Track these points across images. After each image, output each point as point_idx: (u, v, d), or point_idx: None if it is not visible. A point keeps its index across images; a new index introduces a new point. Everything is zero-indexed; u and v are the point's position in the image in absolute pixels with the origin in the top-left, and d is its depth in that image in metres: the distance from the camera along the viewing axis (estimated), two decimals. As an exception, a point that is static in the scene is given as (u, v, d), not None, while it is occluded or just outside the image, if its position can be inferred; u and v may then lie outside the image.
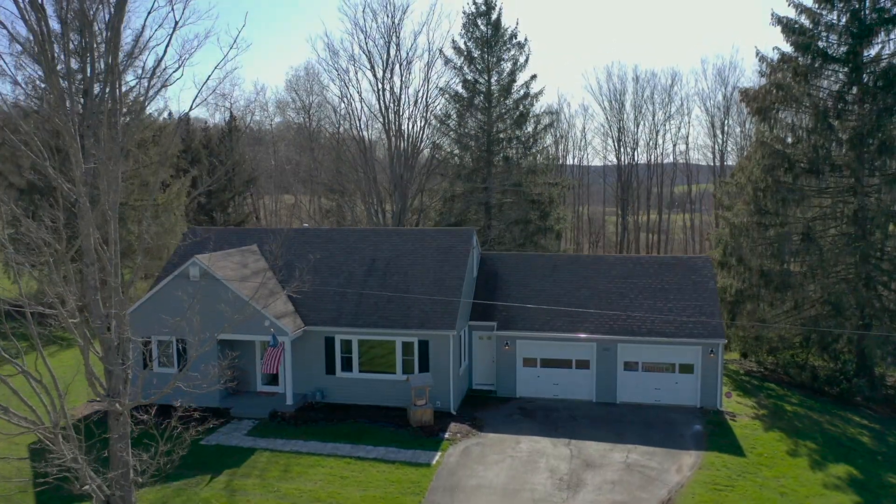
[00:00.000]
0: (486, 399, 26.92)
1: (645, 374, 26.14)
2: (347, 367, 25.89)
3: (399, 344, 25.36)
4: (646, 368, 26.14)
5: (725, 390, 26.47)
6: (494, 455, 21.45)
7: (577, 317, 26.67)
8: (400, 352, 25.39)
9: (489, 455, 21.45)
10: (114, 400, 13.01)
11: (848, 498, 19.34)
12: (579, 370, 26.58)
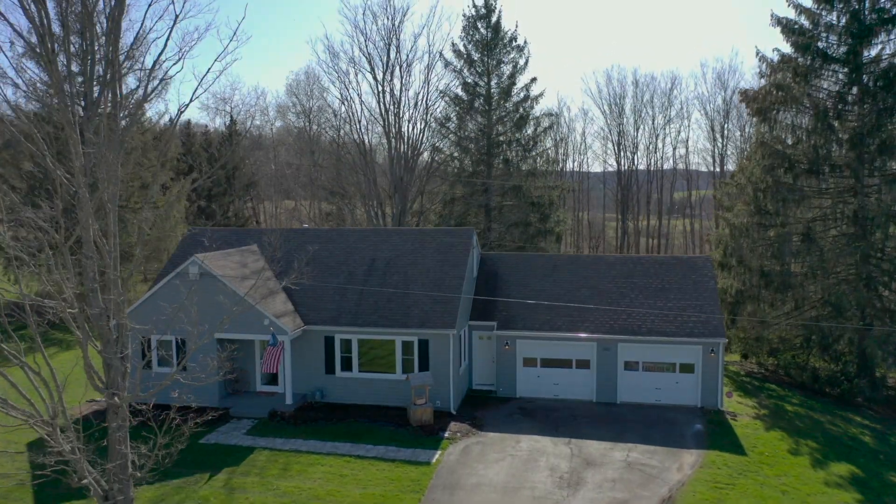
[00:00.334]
0: (486, 399, 26.83)
1: (645, 374, 26.06)
2: (347, 367, 25.81)
3: (399, 343, 25.29)
4: (646, 368, 26.06)
5: (726, 390, 26.38)
6: (494, 454, 21.35)
7: (578, 316, 26.62)
8: (400, 351, 25.31)
9: (489, 454, 21.35)
10: (112, 393, 12.96)
11: (850, 496, 19.24)
12: (579, 370, 26.50)
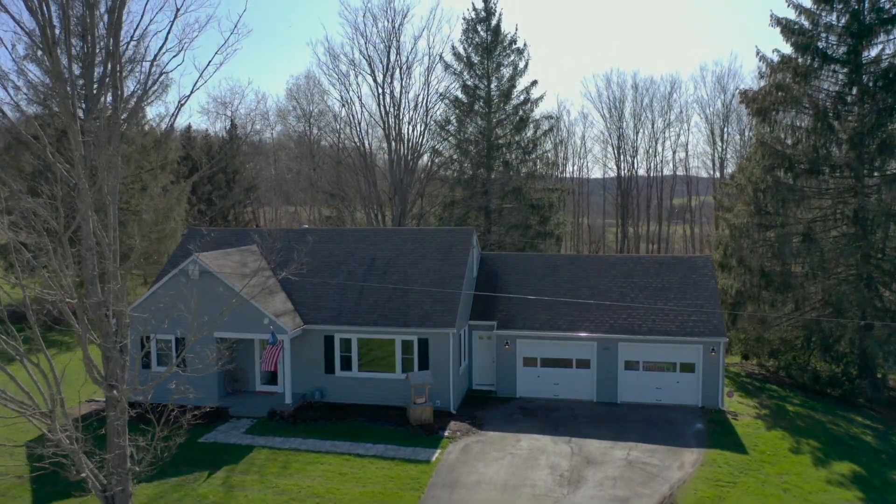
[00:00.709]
0: (486, 399, 26.75)
1: (646, 374, 25.99)
2: (347, 367, 25.73)
3: (398, 342, 25.23)
4: (647, 368, 25.99)
5: (727, 390, 26.29)
6: (495, 452, 21.27)
7: (578, 316, 26.56)
8: (399, 350, 25.25)
9: (489, 452, 21.27)
10: (110, 385, 12.91)
11: (852, 494, 19.16)
12: (580, 370, 26.43)
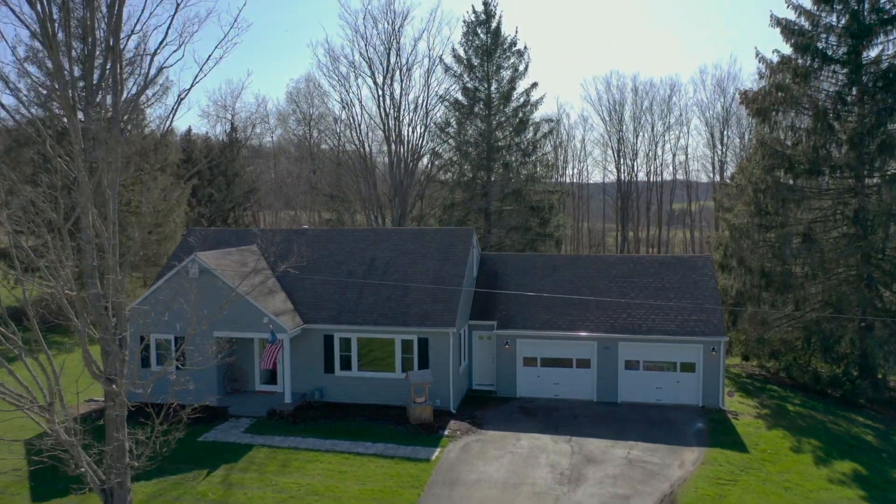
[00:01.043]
0: (486, 399, 26.69)
1: (646, 373, 25.94)
2: (346, 366, 25.69)
3: (398, 342, 25.19)
4: (647, 367, 25.94)
5: (727, 389, 26.23)
6: (495, 451, 21.21)
7: (578, 315, 26.53)
8: (399, 350, 25.20)
9: (489, 451, 21.21)
10: (109, 379, 12.87)
11: (853, 492, 19.10)
12: (580, 369, 26.38)
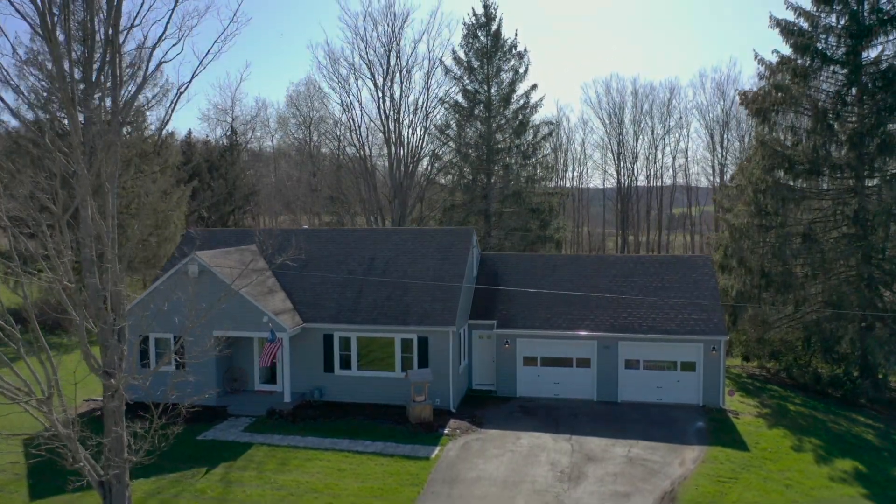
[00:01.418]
0: (486, 398, 26.63)
1: (646, 373, 25.88)
2: (346, 365, 25.64)
3: (398, 341, 25.14)
4: (647, 367, 25.89)
5: (728, 388, 26.17)
6: (494, 449, 21.15)
7: (578, 314, 26.48)
8: (399, 349, 25.16)
9: (489, 449, 21.15)
10: (107, 372, 12.83)
11: (854, 490, 19.03)
12: (580, 369, 26.33)
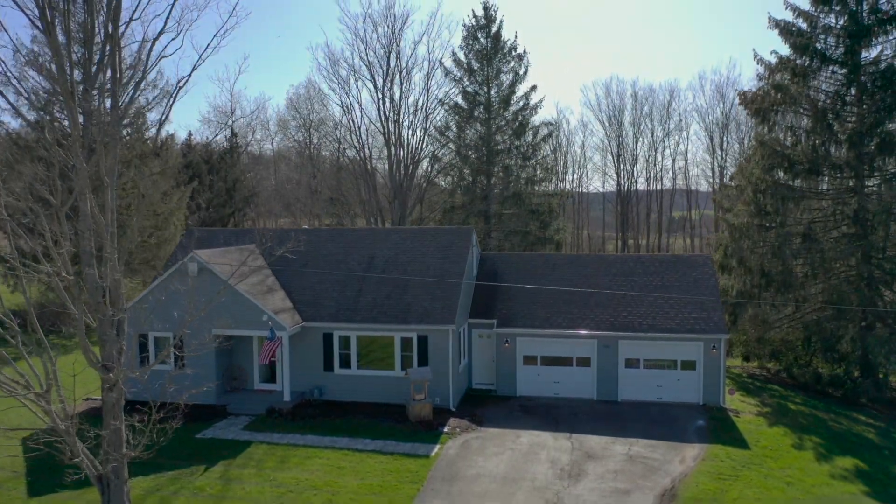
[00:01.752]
0: (486, 398, 26.57)
1: (646, 372, 25.83)
2: (346, 364, 25.59)
3: (398, 339, 25.10)
4: (647, 366, 25.84)
5: (728, 387, 26.13)
6: (494, 447, 21.10)
7: (578, 313, 26.45)
8: (398, 347, 25.11)
9: (489, 447, 21.09)
10: (107, 367, 12.81)
11: (855, 487, 18.98)
12: (580, 368, 26.28)
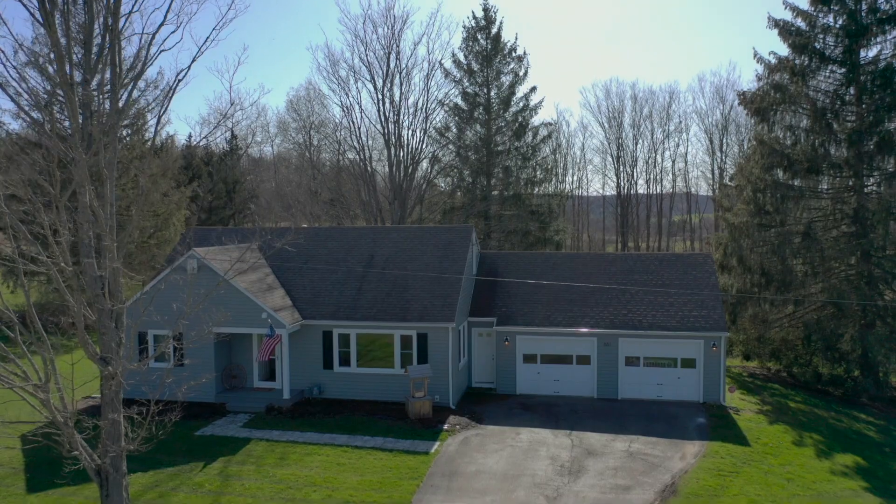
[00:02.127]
0: (486, 396, 26.54)
1: (646, 370, 25.80)
2: (345, 362, 25.56)
3: (397, 337, 25.07)
4: (647, 364, 25.81)
5: (728, 385, 26.08)
6: (494, 444, 21.05)
7: (578, 312, 26.42)
8: (398, 345, 25.08)
9: (489, 444, 21.05)
10: (105, 360, 12.77)
11: (856, 483, 18.93)
12: (580, 366, 26.24)
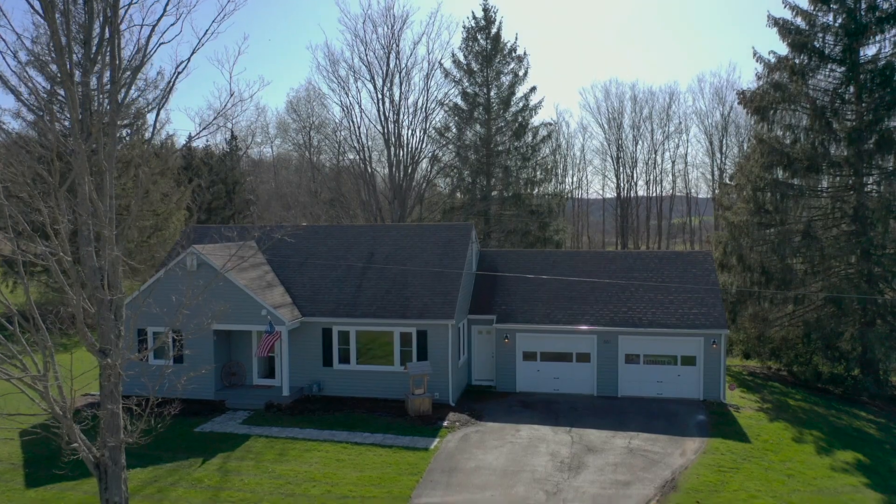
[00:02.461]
0: (486, 393, 26.50)
1: (646, 367, 25.76)
2: (345, 360, 25.52)
3: (397, 334, 25.04)
4: (647, 361, 25.78)
5: (728, 383, 26.06)
6: (494, 441, 21.02)
7: (578, 309, 26.40)
8: (398, 343, 25.05)
9: (488, 441, 21.02)
10: (104, 352, 12.74)
11: (856, 479, 18.90)
12: (580, 364, 26.21)
